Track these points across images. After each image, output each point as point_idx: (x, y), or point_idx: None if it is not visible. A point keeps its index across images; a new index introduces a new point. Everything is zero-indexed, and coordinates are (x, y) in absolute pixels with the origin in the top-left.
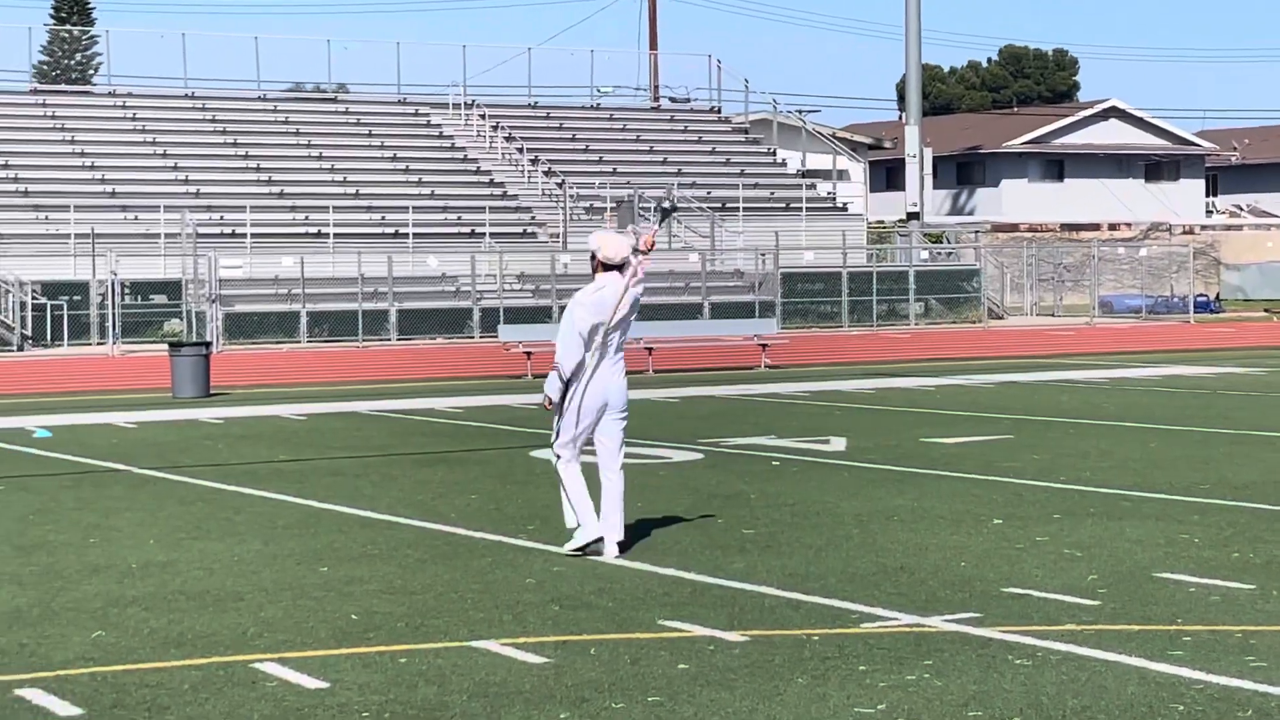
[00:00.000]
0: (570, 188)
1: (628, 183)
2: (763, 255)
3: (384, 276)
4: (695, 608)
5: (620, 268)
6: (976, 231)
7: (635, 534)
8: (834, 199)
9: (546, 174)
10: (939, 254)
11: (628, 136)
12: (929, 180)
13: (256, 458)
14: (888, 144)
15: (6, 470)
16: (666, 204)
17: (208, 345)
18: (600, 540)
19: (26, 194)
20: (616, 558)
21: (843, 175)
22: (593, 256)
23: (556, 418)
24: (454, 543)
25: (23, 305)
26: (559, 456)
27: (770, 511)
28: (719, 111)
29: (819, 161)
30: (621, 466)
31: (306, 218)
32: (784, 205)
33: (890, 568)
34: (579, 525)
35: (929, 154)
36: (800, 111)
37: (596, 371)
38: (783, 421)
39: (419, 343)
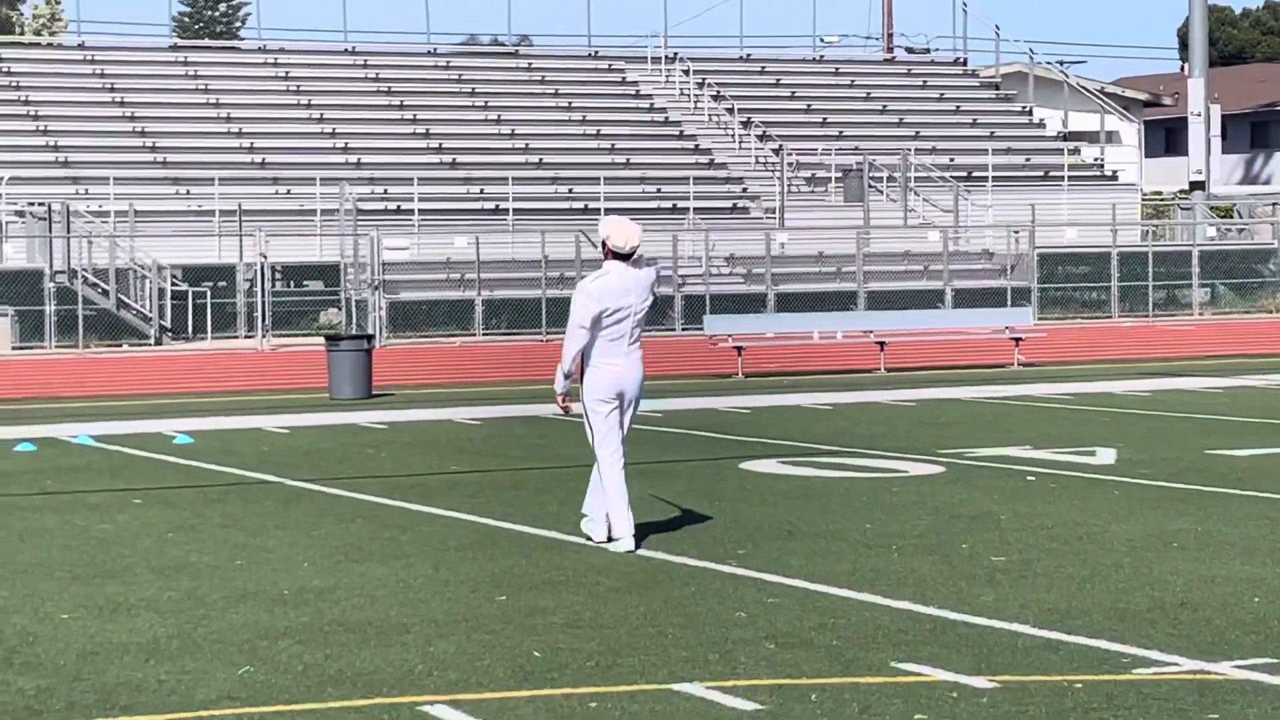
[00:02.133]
0: (788, 154)
1: (855, 148)
2: (1016, 233)
3: (571, 259)
4: (935, 648)
5: (629, 256)
6: (1275, 204)
7: (867, 561)
8: (1102, 166)
9: (760, 139)
10: (1229, 231)
11: (856, 94)
12: (1217, 143)
13: (425, 468)
14: (1167, 100)
15: (143, 481)
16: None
17: (369, 338)
18: (611, 541)
19: (165, 165)
20: (631, 551)
21: (1112, 138)
22: (603, 244)
23: (586, 421)
24: (652, 569)
25: (160, 292)
26: (599, 459)
27: (1024, 535)
28: (965, 64)
29: (1084, 122)
30: (623, 455)
31: (482, 191)
32: (1042, 173)
33: (1168, 604)
34: (587, 515)
35: (1217, 111)
36: (1061, 63)
37: (609, 364)
38: (1039, 429)
39: None
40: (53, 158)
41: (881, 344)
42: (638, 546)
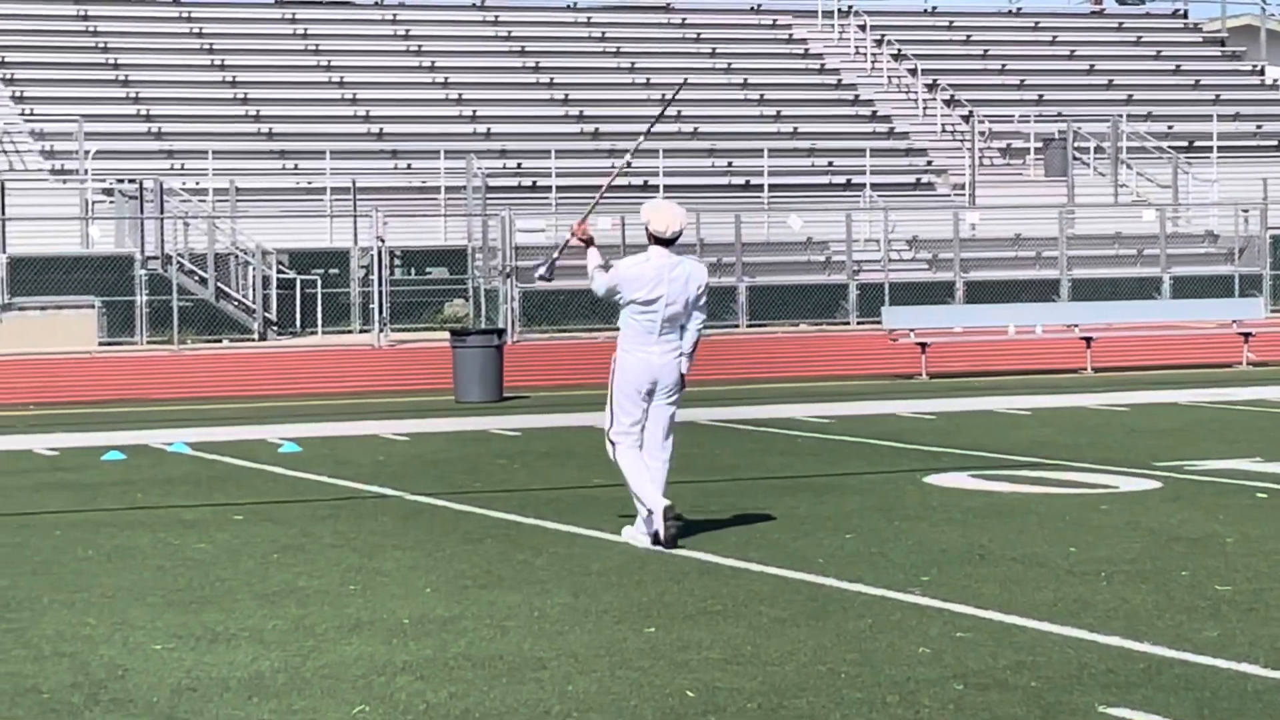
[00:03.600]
0: (980, 122)
1: (1058, 114)
2: (1245, 212)
3: (730, 242)
4: (1150, 690)
5: (670, 242)
6: None
7: (1070, 590)
8: None
9: (948, 104)
10: None
11: (1059, 53)
12: None
13: (563, 481)
14: None
15: (245, 495)
16: (544, 271)
17: (500, 334)
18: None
19: (270, 136)
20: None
21: None
22: (645, 227)
23: (609, 402)
24: (823, 597)
25: (265, 281)
26: (613, 444)
27: (1254, 561)
28: (1185, 16)
29: None
30: (669, 456)
31: (629, 165)
32: (1275, 143)
33: None
34: (649, 514)
35: None
36: None
37: (639, 351)
38: (1273, 438)
39: (775, 329)
40: (145, 129)
41: (1088, 340)
42: (667, 544)
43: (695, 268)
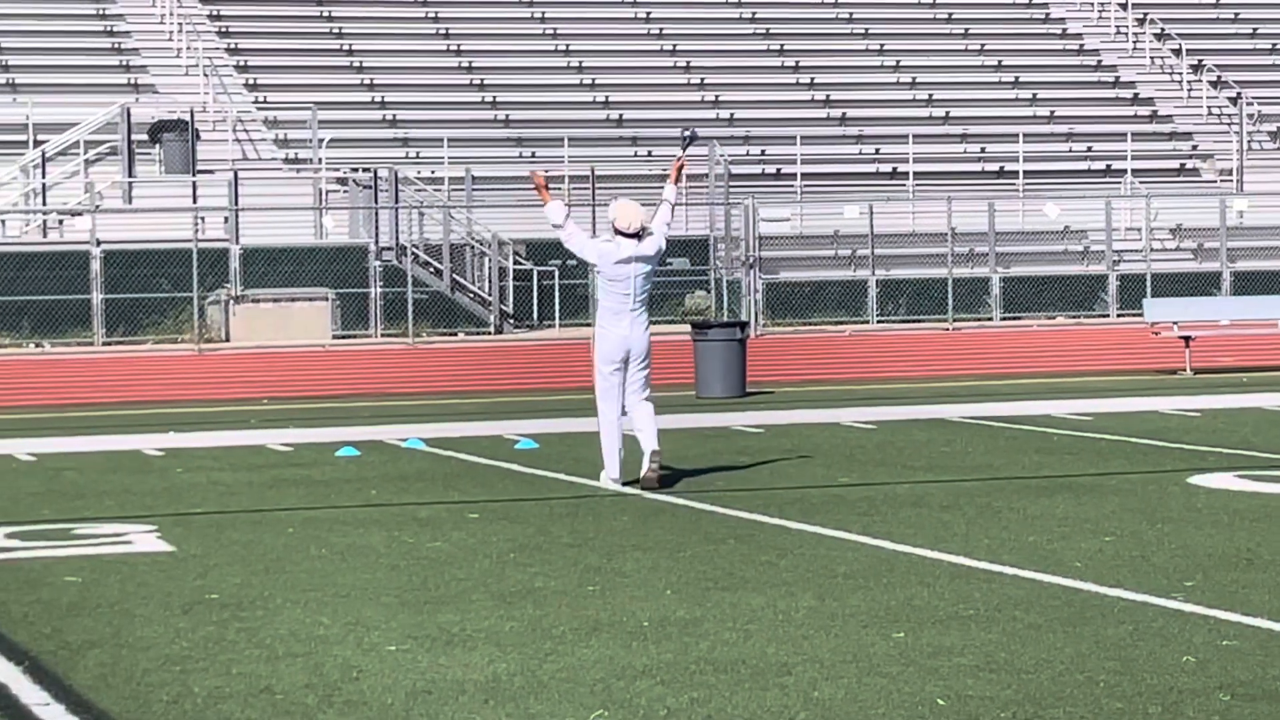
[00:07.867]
0: (1249, 103)
1: None
2: None
3: (983, 232)
4: None
5: (637, 236)
6: None
7: None
8: None
9: (1214, 85)
10: None
11: None
12: None
13: (808, 480)
14: None
15: (482, 492)
16: (687, 133)
17: (743, 326)
18: (620, 485)
19: (507, 123)
20: (631, 483)
21: None
22: (612, 223)
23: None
24: (1080, 603)
25: (501, 272)
26: (599, 411)
27: None
28: None
29: None
30: (647, 397)
31: (877, 151)
32: None
33: None
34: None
35: None
36: None
37: (612, 325)
38: None
39: (1030, 322)
40: (379, 116)
41: None
42: (642, 487)
43: (650, 241)
